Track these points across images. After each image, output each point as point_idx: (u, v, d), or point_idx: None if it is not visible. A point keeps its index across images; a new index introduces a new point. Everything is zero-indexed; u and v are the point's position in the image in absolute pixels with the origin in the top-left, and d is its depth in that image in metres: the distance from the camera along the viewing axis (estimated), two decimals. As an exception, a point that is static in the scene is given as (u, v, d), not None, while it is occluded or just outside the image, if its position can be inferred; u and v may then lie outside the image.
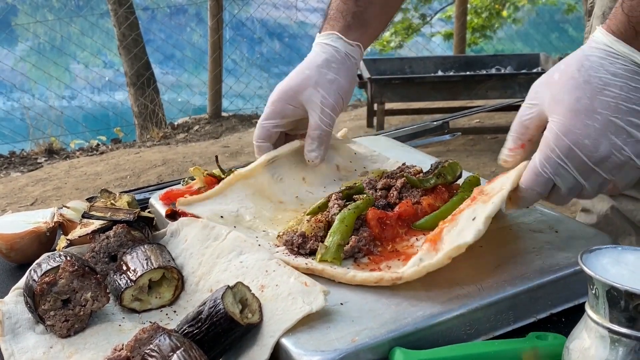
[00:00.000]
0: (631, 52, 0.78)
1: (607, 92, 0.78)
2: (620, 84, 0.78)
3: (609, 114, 0.78)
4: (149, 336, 0.75)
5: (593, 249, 0.65)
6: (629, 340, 0.60)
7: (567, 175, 0.82)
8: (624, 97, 0.78)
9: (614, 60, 0.79)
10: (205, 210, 1.04)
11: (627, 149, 0.78)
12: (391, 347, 0.75)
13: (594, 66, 0.80)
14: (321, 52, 1.13)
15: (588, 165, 0.80)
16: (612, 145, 0.78)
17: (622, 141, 0.78)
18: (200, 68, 7.67)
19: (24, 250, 1.09)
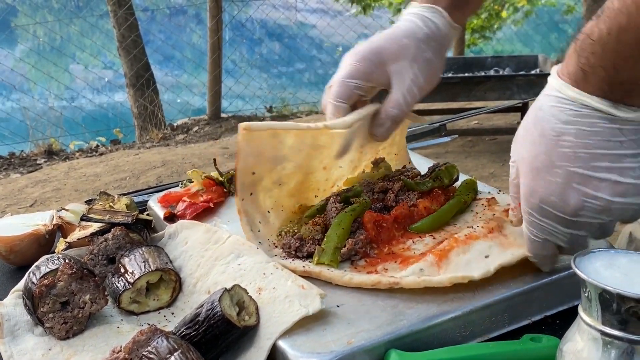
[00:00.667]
0: (580, 95, 0.72)
1: (562, 143, 0.73)
2: (575, 131, 0.72)
3: (569, 166, 0.73)
4: (146, 338, 0.75)
5: (586, 252, 0.66)
6: (621, 343, 0.61)
7: (557, 232, 0.78)
8: (581, 144, 0.72)
9: (565, 107, 0.73)
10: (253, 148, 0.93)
11: (602, 194, 0.73)
12: (387, 349, 0.76)
13: (546, 116, 0.75)
14: (423, 25, 1.00)
15: (568, 219, 0.76)
16: (582, 194, 0.73)
17: (592, 188, 0.73)
18: (199, 69, 7.68)
19: (23, 253, 1.10)
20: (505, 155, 4.68)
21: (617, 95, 0.70)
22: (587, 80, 0.71)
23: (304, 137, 0.95)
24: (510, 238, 0.89)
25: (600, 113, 0.71)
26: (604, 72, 0.70)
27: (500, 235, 0.89)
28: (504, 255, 0.85)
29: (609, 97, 0.71)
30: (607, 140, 0.72)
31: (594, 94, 0.71)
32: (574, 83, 0.73)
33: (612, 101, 0.71)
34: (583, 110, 0.72)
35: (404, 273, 0.85)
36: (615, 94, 0.70)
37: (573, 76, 0.73)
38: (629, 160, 0.72)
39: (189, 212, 1.10)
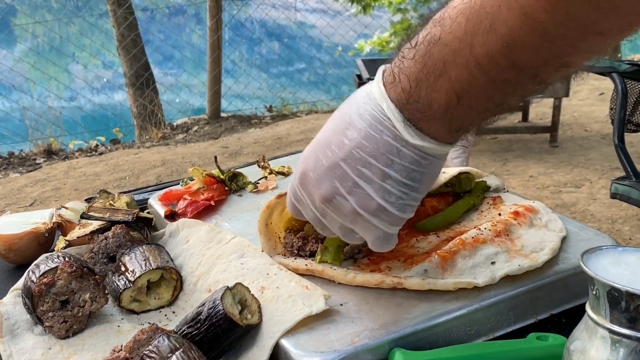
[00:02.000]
0: (381, 96, 0.67)
1: (347, 133, 0.68)
2: (361, 127, 0.68)
3: (340, 156, 0.69)
4: (147, 337, 0.75)
5: (594, 249, 0.65)
6: (630, 341, 0.60)
7: (306, 207, 0.75)
8: (360, 143, 0.67)
9: (367, 101, 0.68)
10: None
11: (351, 199, 0.69)
12: (391, 348, 0.75)
13: (353, 101, 0.70)
14: None
15: (316, 202, 0.72)
16: (333, 188, 0.70)
17: (346, 189, 0.69)
18: (199, 68, 7.68)
19: (23, 251, 1.09)
20: (506, 154, 4.68)
21: (411, 111, 0.65)
22: (394, 85, 0.66)
23: None
24: (518, 244, 0.89)
25: (389, 123, 0.66)
26: (407, 82, 0.64)
27: (507, 240, 0.89)
28: (510, 264, 0.85)
29: (404, 112, 0.65)
30: (382, 153, 0.67)
31: (394, 102, 0.66)
32: (385, 83, 0.67)
33: (405, 118, 0.66)
34: (377, 113, 0.67)
35: (408, 273, 0.84)
36: (410, 109, 0.65)
37: (386, 77, 0.67)
38: (391, 184, 0.68)
39: (190, 210, 1.09)
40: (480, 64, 0.59)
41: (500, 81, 0.61)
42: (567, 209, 3.61)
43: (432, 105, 0.64)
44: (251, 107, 7.32)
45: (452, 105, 0.63)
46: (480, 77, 0.60)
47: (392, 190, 0.68)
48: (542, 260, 0.86)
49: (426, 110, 0.64)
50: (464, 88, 0.61)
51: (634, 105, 1.85)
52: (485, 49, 0.58)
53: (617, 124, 1.81)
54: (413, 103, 0.65)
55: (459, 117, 0.65)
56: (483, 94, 0.62)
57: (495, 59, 0.59)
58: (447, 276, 0.83)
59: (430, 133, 0.66)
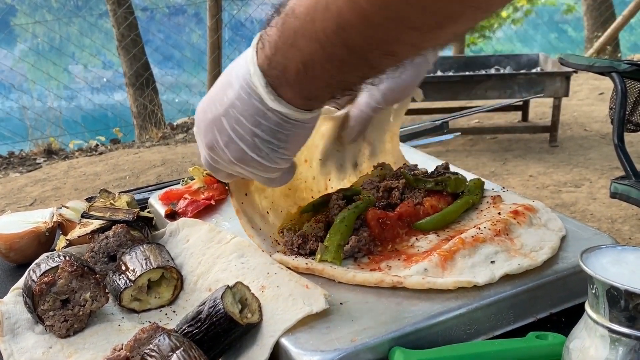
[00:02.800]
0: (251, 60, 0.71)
1: (227, 92, 0.74)
2: (237, 89, 0.73)
3: (220, 111, 0.75)
4: (148, 336, 0.75)
5: (593, 248, 0.65)
6: (629, 340, 0.60)
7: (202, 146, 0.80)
8: (234, 103, 0.73)
9: (243, 64, 0.72)
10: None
11: (227, 151, 0.76)
12: (391, 346, 0.75)
13: (237, 60, 0.75)
14: None
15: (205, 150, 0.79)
16: (213, 139, 0.77)
17: (223, 141, 0.76)
18: (199, 68, 7.67)
19: (23, 250, 1.09)
20: (506, 154, 4.68)
21: (272, 76, 0.69)
22: (262, 50, 0.70)
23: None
24: (517, 244, 0.89)
25: (255, 88, 0.71)
26: (269, 48, 0.68)
27: (507, 239, 0.89)
28: (510, 263, 0.85)
29: (267, 77, 0.70)
30: (250, 114, 0.72)
31: (260, 67, 0.70)
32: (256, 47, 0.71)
33: (268, 83, 0.70)
34: (247, 77, 0.71)
35: (407, 272, 0.84)
36: (271, 74, 0.69)
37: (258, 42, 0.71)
38: (259, 141, 0.74)
39: (191, 210, 1.09)
40: (319, 39, 0.63)
41: (336, 59, 0.65)
42: (566, 209, 3.61)
43: (286, 72, 0.68)
44: (251, 106, 7.31)
45: (300, 74, 0.67)
46: (320, 51, 0.64)
47: (261, 146, 0.74)
48: (541, 259, 0.86)
49: (282, 77, 0.69)
50: (308, 59, 0.65)
51: (633, 104, 1.85)
52: (323, 24, 0.62)
53: (617, 123, 1.81)
54: (273, 69, 0.69)
55: (307, 86, 0.69)
56: (323, 68, 0.66)
57: (330, 36, 0.62)
58: (446, 275, 0.83)
59: (288, 99, 0.71)
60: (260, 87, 0.70)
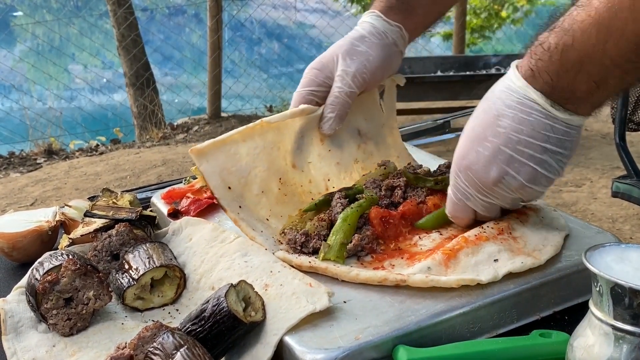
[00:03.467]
0: (526, 87, 0.82)
1: (499, 122, 0.83)
2: (512, 115, 0.82)
3: (499, 143, 0.83)
4: (152, 334, 0.75)
5: (597, 246, 0.65)
6: (633, 338, 0.60)
7: (473, 198, 0.88)
8: (515, 127, 0.82)
9: (511, 94, 0.83)
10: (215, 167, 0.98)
11: (520, 176, 0.84)
12: (395, 344, 0.75)
13: (493, 97, 0.86)
14: (360, 28, 1.14)
15: (485, 189, 0.86)
16: (502, 171, 0.84)
17: (513, 169, 0.83)
18: (199, 69, 7.67)
19: (26, 249, 1.09)
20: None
21: (556, 98, 0.81)
22: (534, 78, 0.82)
23: (252, 139, 1.02)
24: (520, 242, 0.89)
25: (539, 107, 0.82)
26: (548, 77, 0.81)
27: (510, 237, 0.89)
28: (513, 262, 0.85)
29: (549, 97, 0.81)
30: (537, 131, 0.82)
31: (539, 91, 0.82)
32: (525, 78, 0.83)
33: (551, 100, 0.81)
34: (525, 100, 0.82)
35: (411, 270, 0.84)
36: (555, 96, 0.81)
37: (524, 72, 0.83)
38: (549, 155, 0.83)
39: (193, 209, 1.09)
40: (614, 61, 0.76)
41: (632, 69, 0.77)
42: (567, 208, 3.61)
43: (576, 93, 0.80)
44: (251, 107, 7.32)
45: (593, 91, 0.80)
46: (615, 70, 0.77)
47: (550, 160, 0.83)
48: (544, 257, 0.86)
49: (570, 97, 0.81)
50: (601, 78, 0.79)
51: (634, 104, 1.85)
52: (617, 51, 0.75)
53: (618, 123, 1.81)
54: (557, 92, 0.81)
55: (599, 98, 0.82)
56: (618, 80, 0.79)
57: (626, 56, 0.76)
58: (450, 273, 0.83)
59: (575, 111, 0.82)
60: (547, 105, 0.81)
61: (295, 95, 1.15)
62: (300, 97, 1.13)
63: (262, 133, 1.03)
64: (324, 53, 1.14)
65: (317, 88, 1.12)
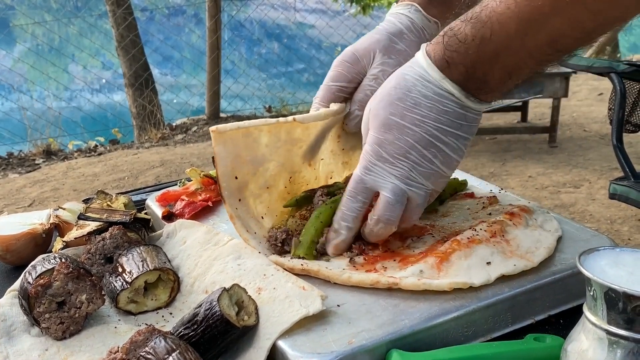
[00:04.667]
0: (442, 79, 0.84)
1: (416, 111, 0.85)
2: (430, 105, 0.84)
3: (417, 130, 0.85)
4: (144, 338, 0.74)
5: (591, 250, 0.65)
6: (627, 342, 0.60)
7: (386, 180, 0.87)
8: (433, 117, 0.84)
9: (427, 84, 0.85)
10: (230, 152, 0.94)
11: (437, 161, 0.86)
12: (388, 349, 0.75)
13: (408, 85, 0.86)
14: (396, 21, 1.08)
15: (404, 171, 0.86)
16: (421, 155, 0.85)
17: (431, 154, 0.85)
18: (198, 69, 7.67)
19: (20, 252, 1.09)
20: (505, 155, 4.68)
21: (470, 88, 0.84)
22: (450, 69, 0.84)
23: (277, 133, 0.97)
24: (513, 245, 0.89)
25: (454, 98, 0.84)
26: (463, 68, 0.83)
27: (503, 240, 0.89)
28: (505, 264, 0.85)
29: (464, 88, 0.84)
30: (452, 120, 0.85)
31: (453, 81, 0.84)
32: (439, 67, 0.84)
33: (465, 91, 0.84)
34: (441, 91, 0.84)
35: (403, 274, 0.84)
36: (469, 87, 0.84)
37: (439, 63, 0.84)
38: (461, 141, 0.87)
39: (188, 211, 1.09)
40: (530, 53, 0.79)
41: (544, 60, 0.81)
42: (565, 209, 3.61)
43: (489, 83, 0.83)
44: (250, 107, 7.32)
45: (505, 80, 0.83)
46: (530, 61, 0.80)
47: (461, 146, 0.87)
48: (537, 260, 0.86)
49: (483, 87, 0.84)
50: (514, 69, 0.82)
51: (632, 105, 1.85)
52: (534, 43, 0.77)
53: (616, 124, 1.81)
54: (471, 83, 0.84)
55: (508, 87, 0.85)
56: (530, 69, 0.82)
57: (542, 49, 0.78)
58: (442, 277, 0.83)
59: (485, 99, 0.86)
60: (461, 96, 0.84)
61: (323, 89, 1.07)
62: (330, 93, 1.06)
63: (290, 129, 0.99)
64: (357, 45, 1.07)
65: (347, 84, 1.06)
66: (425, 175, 0.87)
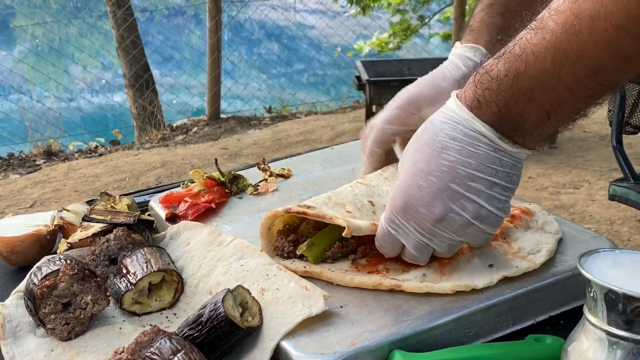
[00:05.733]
0: (472, 118, 0.77)
1: (444, 155, 0.78)
2: (459, 148, 0.77)
3: (444, 178, 0.77)
4: (149, 339, 0.75)
5: (591, 251, 0.66)
6: (627, 343, 0.61)
7: (409, 235, 0.82)
8: (462, 161, 0.77)
9: (455, 125, 0.78)
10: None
11: (465, 214, 0.78)
12: (391, 349, 0.75)
13: (435, 129, 0.80)
14: (462, 65, 1.03)
15: (426, 226, 0.80)
16: (446, 208, 0.78)
17: (459, 206, 0.78)
18: (198, 70, 7.67)
19: (25, 253, 1.10)
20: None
21: (504, 129, 0.76)
22: (480, 109, 0.77)
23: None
24: (515, 247, 0.89)
25: (486, 139, 0.77)
26: (496, 107, 0.75)
27: (504, 243, 0.90)
28: (508, 266, 0.86)
29: (497, 129, 0.76)
30: (485, 165, 0.77)
31: (484, 122, 0.77)
32: (469, 108, 0.78)
33: (499, 133, 0.76)
34: (471, 132, 0.77)
35: (406, 276, 0.85)
36: (503, 128, 0.76)
37: (469, 102, 0.78)
38: (497, 191, 0.78)
39: (191, 213, 1.09)
40: (568, 88, 0.71)
41: (586, 97, 0.73)
42: (565, 210, 3.61)
43: (525, 124, 0.76)
44: (250, 108, 7.32)
45: (544, 121, 0.75)
46: (569, 97, 0.72)
47: (499, 196, 0.78)
48: (539, 261, 0.87)
49: (519, 129, 0.76)
50: (553, 107, 0.74)
51: (632, 107, 1.86)
52: (573, 76, 0.70)
53: (615, 125, 1.82)
54: (505, 123, 0.76)
55: (549, 129, 0.77)
56: (571, 108, 0.75)
57: (582, 82, 0.71)
58: (445, 280, 0.84)
59: (522, 144, 0.78)
60: (495, 137, 0.76)
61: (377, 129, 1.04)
62: (384, 135, 1.04)
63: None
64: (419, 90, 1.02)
65: (402, 128, 1.02)
66: (452, 230, 0.80)
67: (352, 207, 0.94)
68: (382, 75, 5.19)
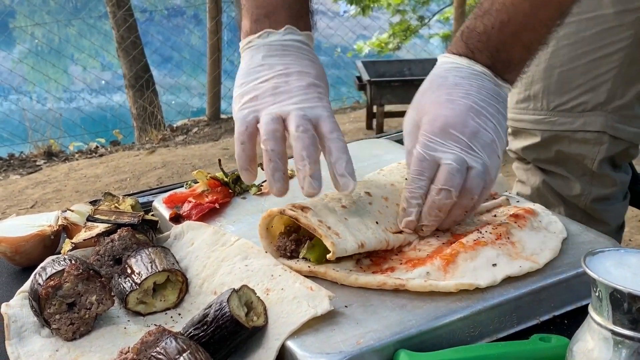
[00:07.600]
0: (472, 63, 0.92)
1: (459, 88, 0.91)
2: (470, 83, 0.91)
3: (467, 101, 0.90)
4: (155, 339, 0.75)
5: (596, 251, 0.66)
6: (632, 342, 0.61)
7: (448, 152, 0.88)
8: (475, 90, 0.90)
9: (460, 69, 0.92)
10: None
11: (490, 130, 0.90)
12: (396, 349, 0.76)
13: (442, 74, 0.93)
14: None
15: (464, 141, 0.89)
16: (477, 123, 0.89)
17: (483, 122, 0.90)
18: (198, 70, 7.67)
19: (29, 254, 1.10)
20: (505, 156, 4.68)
21: (497, 69, 0.92)
22: (475, 58, 0.92)
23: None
24: (518, 247, 0.90)
25: (487, 77, 0.92)
26: (488, 54, 0.91)
27: (508, 242, 0.90)
28: (511, 266, 0.86)
29: (492, 70, 0.92)
30: (492, 95, 0.91)
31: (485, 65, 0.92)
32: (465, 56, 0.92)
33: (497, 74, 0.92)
34: (475, 72, 0.92)
35: (410, 275, 0.85)
36: (496, 68, 0.92)
37: (464, 54, 0.93)
38: (502, 119, 0.92)
39: (195, 213, 1.10)
40: (544, 24, 0.90)
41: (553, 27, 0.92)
42: (566, 210, 3.61)
43: (512, 62, 0.93)
44: (250, 108, 7.31)
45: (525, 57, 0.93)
46: (544, 31, 0.91)
47: (502, 121, 0.93)
48: (543, 261, 0.87)
49: (508, 66, 0.93)
50: (533, 43, 0.92)
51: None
52: (547, 14, 0.89)
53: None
54: (497, 65, 0.92)
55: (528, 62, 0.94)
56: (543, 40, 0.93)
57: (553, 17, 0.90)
58: (449, 278, 0.84)
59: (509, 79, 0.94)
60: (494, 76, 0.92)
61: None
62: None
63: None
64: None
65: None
66: (482, 145, 0.89)
67: (348, 200, 0.96)
68: (382, 75, 5.20)
